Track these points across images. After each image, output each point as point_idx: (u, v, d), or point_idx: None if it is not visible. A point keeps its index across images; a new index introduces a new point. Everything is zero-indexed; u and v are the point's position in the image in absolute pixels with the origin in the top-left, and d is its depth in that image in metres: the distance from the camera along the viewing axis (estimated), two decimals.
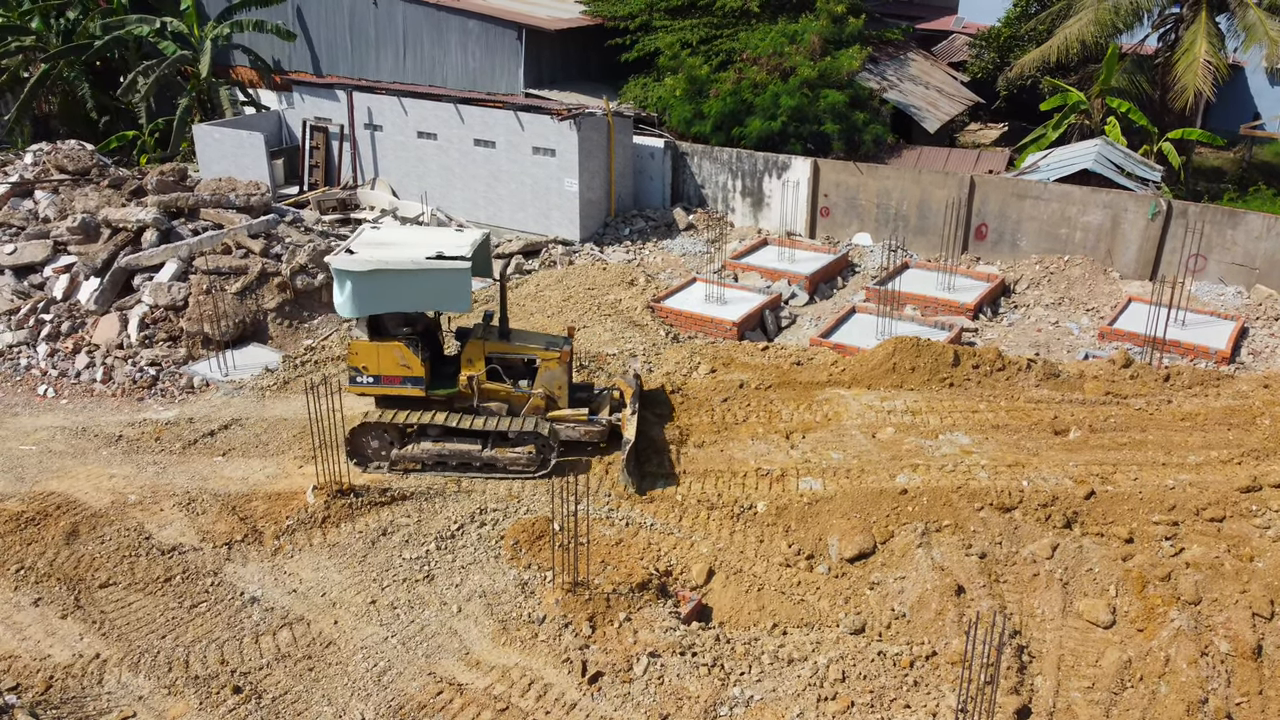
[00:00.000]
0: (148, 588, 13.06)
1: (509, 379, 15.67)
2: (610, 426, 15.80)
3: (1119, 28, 28.35)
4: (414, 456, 15.25)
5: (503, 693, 11.24)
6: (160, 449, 16.62)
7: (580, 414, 15.71)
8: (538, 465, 15.27)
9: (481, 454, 15.17)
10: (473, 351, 15.42)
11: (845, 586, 12.91)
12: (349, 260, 14.37)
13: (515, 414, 15.49)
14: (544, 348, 15.68)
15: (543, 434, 15.13)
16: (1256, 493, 13.81)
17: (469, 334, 15.70)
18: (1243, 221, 22.35)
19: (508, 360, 15.69)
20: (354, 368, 15.14)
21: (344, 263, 14.36)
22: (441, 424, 15.07)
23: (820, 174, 26.33)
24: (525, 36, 29.89)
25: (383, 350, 14.96)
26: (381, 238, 15.46)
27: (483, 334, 15.63)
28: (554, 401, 15.70)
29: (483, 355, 15.45)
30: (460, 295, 14.61)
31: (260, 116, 31.70)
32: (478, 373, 15.37)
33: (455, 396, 15.52)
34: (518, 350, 15.66)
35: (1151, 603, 12.03)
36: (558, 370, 15.62)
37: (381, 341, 15.00)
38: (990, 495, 13.74)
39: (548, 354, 15.61)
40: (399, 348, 14.94)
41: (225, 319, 20.05)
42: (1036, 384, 17.07)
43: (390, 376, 15.08)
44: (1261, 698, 10.96)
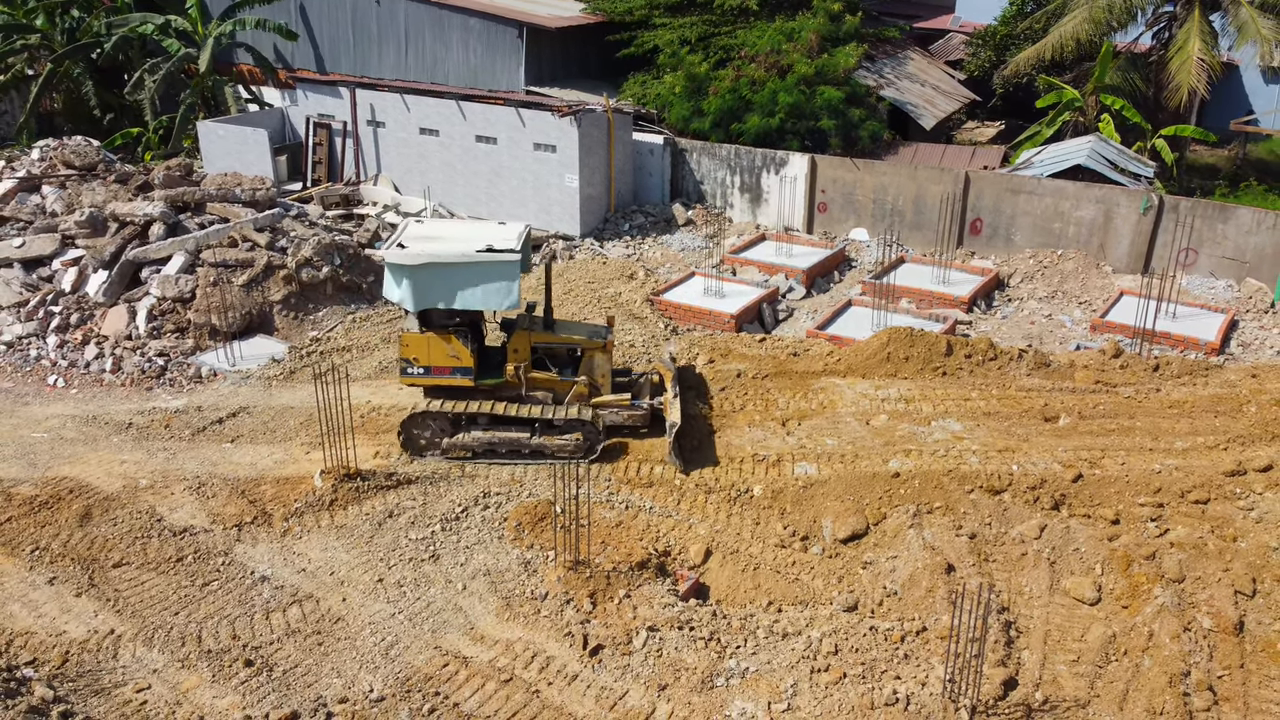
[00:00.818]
0: (160, 567, 13.41)
1: (553, 367, 16.11)
2: (652, 410, 16.22)
3: (1113, 26, 28.69)
4: (465, 445, 15.61)
5: (506, 665, 11.59)
6: (170, 436, 16.97)
7: (623, 399, 16.16)
8: (585, 450, 15.69)
9: (530, 441, 15.58)
10: (519, 342, 15.81)
11: (839, 566, 13.27)
12: (402, 254, 14.77)
13: (560, 401, 15.92)
14: (588, 337, 16.14)
15: (589, 420, 15.54)
16: (1241, 476, 14.15)
17: (514, 325, 16.08)
18: (1233, 216, 22.71)
19: (552, 349, 16.14)
20: (405, 359, 15.53)
21: (397, 256, 14.76)
22: (490, 413, 15.45)
23: (818, 170, 26.69)
24: (526, 34, 30.23)
25: (433, 341, 15.36)
26: (428, 231, 15.86)
27: (528, 324, 16.04)
28: (597, 388, 16.15)
29: (529, 345, 15.87)
30: (509, 288, 15.02)
31: (264, 113, 32.06)
32: (524, 362, 15.79)
33: (502, 386, 15.93)
34: (562, 340, 16.08)
35: (1136, 581, 12.38)
36: (601, 358, 16.07)
37: (431, 333, 15.38)
38: (980, 479, 14.11)
39: (592, 343, 16.05)
40: (449, 339, 15.34)
41: (232, 310, 20.40)
42: (1028, 373, 17.43)
43: (440, 367, 15.49)
44: (1243, 671, 11.29)
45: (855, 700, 10.78)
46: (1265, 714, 10.75)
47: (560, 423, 15.58)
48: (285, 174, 30.89)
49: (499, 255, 14.88)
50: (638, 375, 17.13)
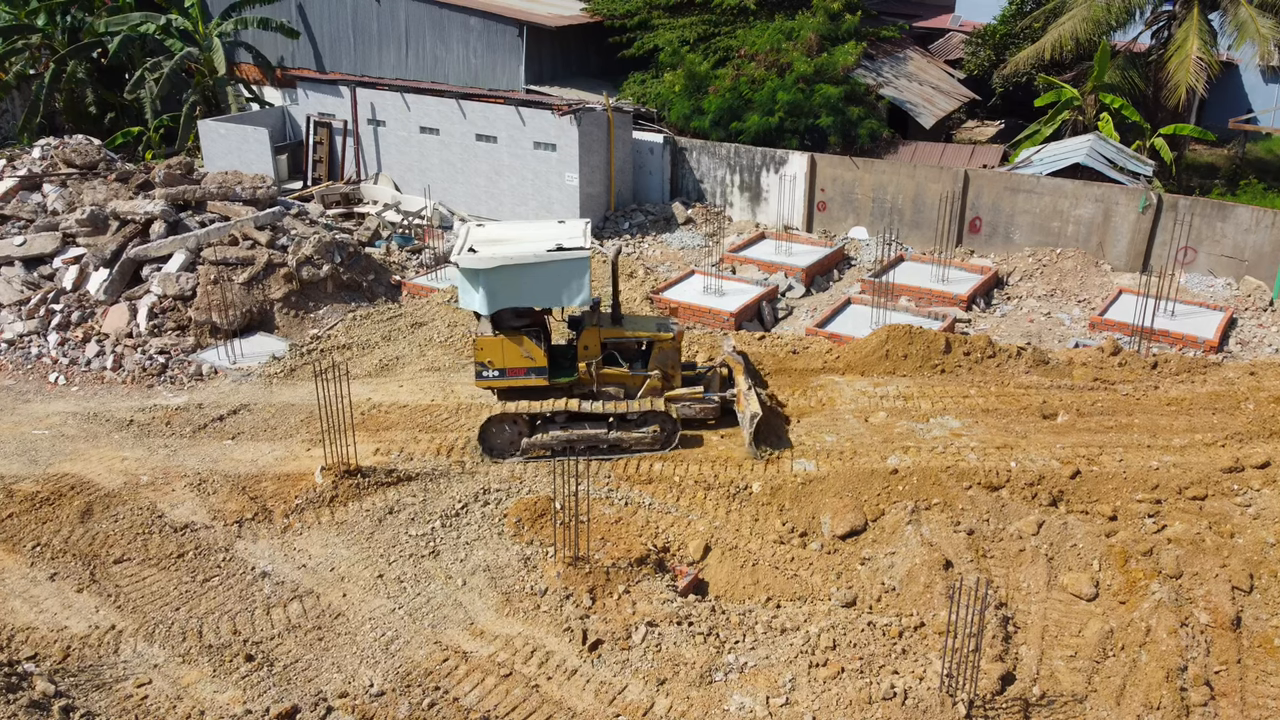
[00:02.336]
0: (161, 563, 13.46)
1: (623, 362, 16.21)
2: (723, 402, 16.31)
3: (1111, 25, 28.72)
4: (544, 444, 15.66)
5: (506, 660, 11.64)
6: (171, 433, 17.02)
7: (696, 392, 16.26)
8: (662, 443, 15.79)
9: (608, 436, 15.66)
10: (589, 338, 15.88)
11: (837, 562, 13.32)
12: (475, 259, 14.85)
13: (631, 396, 16.00)
14: (657, 330, 16.24)
15: (667, 413, 15.63)
16: (1239, 473, 14.22)
17: (582, 322, 16.14)
18: (1232, 214, 22.75)
19: (622, 344, 16.24)
20: (480, 363, 15.57)
21: (471, 261, 14.84)
22: (568, 410, 15.50)
23: (817, 169, 26.74)
24: (526, 33, 30.29)
25: (506, 343, 15.40)
26: (494, 234, 15.92)
27: (597, 321, 16.10)
28: (668, 381, 16.23)
29: (599, 341, 15.94)
30: (581, 286, 15.11)
31: (264, 112, 32.12)
32: (595, 358, 15.88)
33: (574, 383, 16.01)
34: (632, 334, 16.18)
35: (1133, 576, 12.43)
36: (671, 350, 16.18)
37: (504, 335, 15.42)
38: (979, 475, 14.16)
39: (662, 335, 16.14)
40: (522, 340, 15.40)
41: (232, 308, 20.45)
42: (1026, 370, 17.48)
43: (515, 368, 15.55)
44: (1240, 666, 11.34)
45: (853, 695, 10.82)
46: (1262, 709, 10.80)
47: (635, 416, 15.64)
48: (286, 172, 30.96)
49: (570, 253, 15.00)
50: (704, 368, 17.26)
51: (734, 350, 17.52)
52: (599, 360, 15.92)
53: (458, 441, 16.11)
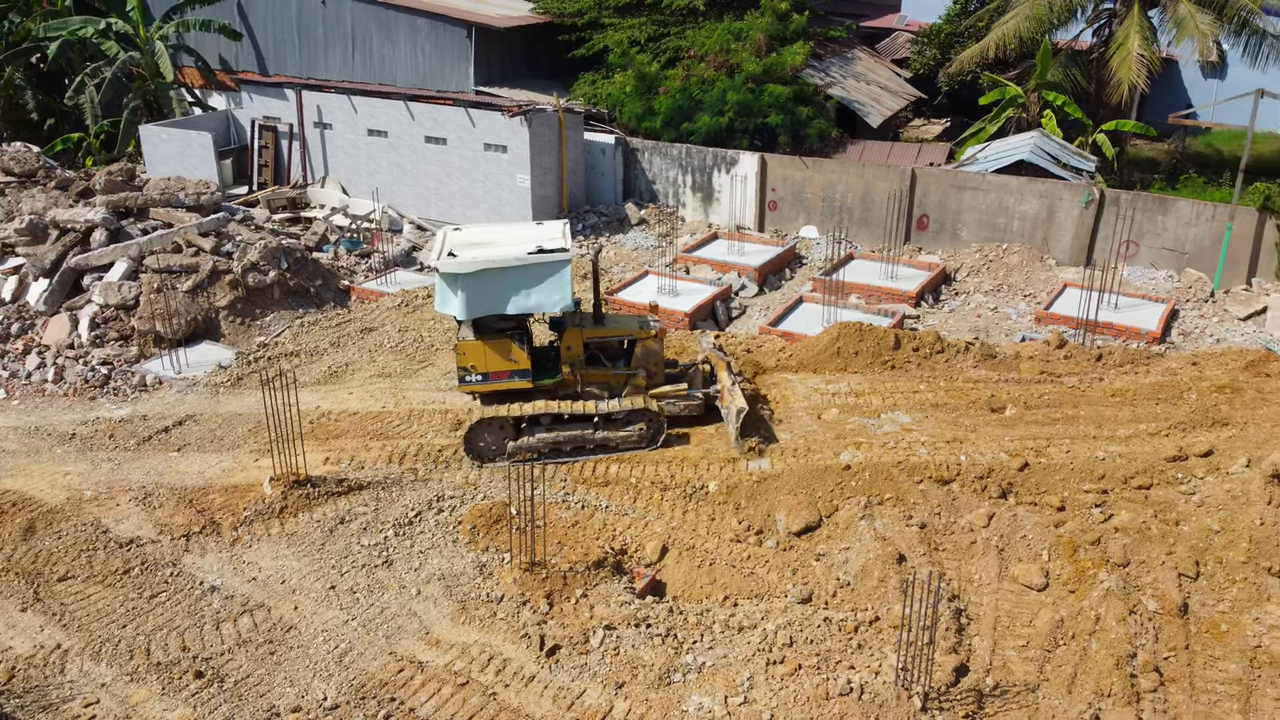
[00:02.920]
0: (107, 580, 13.18)
1: (606, 362, 16.16)
2: (707, 399, 16.30)
3: (1054, 23, 29.17)
4: (531, 446, 15.54)
5: (463, 668, 11.54)
6: (114, 446, 16.67)
7: (680, 389, 16.25)
8: (648, 441, 15.74)
9: (594, 436, 15.57)
10: (572, 339, 15.79)
11: (793, 559, 13.39)
12: (455, 263, 14.65)
13: (614, 395, 15.91)
14: (639, 328, 16.18)
15: (653, 410, 15.60)
16: (1183, 462, 14.50)
17: (563, 323, 16.02)
18: (1173, 208, 23.23)
19: (605, 344, 16.17)
20: (462, 368, 15.39)
21: (451, 265, 14.65)
22: (554, 411, 15.40)
23: (768, 169, 26.87)
24: (475, 34, 30.10)
25: (489, 347, 15.25)
26: (471, 238, 15.71)
27: (578, 321, 16.00)
28: (652, 379, 16.18)
29: (581, 341, 15.85)
30: (563, 287, 15.00)
31: (208, 116, 31.60)
32: (578, 359, 15.79)
33: (558, 385, 15.90)
34: (614, 333, 16.11)
35: (1082, 566, 12.63)
36: (655, 348, 16.14)
37: (486, 339, 15.25)
38: (929, 469, 14.32)
39: (644, 333, 16.08)
40: (505, 343, 15.26)
41: (177, 317, 20.08)
42: (974, 365, 17.71)
43: (498, 372, 15.41)
44: (1188, 652, 11.57)
45: (810, 691, 10.88)
46: (1210, 693, 11.02)
47: (621, 415, 15.59)
48: (231, 178, 30.47)
49: (552, 255, 14.89)
50: (686, 366, 17.28)
51: (715, 347, 17.59)
52: (582, 361, 15.87)
53: (410, 449, 15.96)
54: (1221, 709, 10.81)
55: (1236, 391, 16.34)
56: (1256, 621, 11.73)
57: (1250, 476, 13.50)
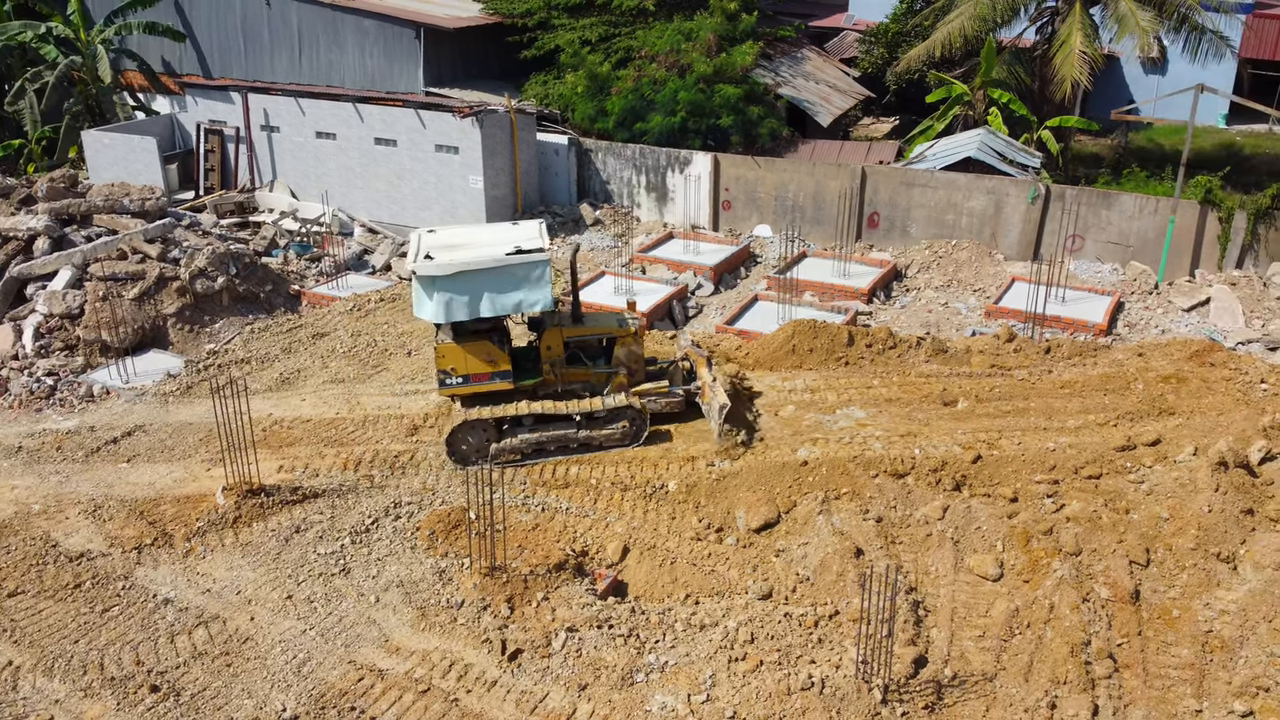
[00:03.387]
0: (57, 594, 12.90)
1: (586, 360, 16.11)
2: (689, 396, 16.37)
3: (997, 22, 29.59)
4: (514, 448, 15.46)
5: (423, 675, 11.45)
6: (62, 458, 16.32)
7: (662, 386, 16.26)
8: (631, 438, 15.73)
9: (578, 435, 15.53)
10: (551, 338, 15.70)
11: (753, 555, 13.46)
12: (433, 265, 14.47)
13: (595, 393, 15.85)
14: (618, 325, 16.13)
15: (636, 407, 15.60)
16: (1131, 451, 14.81)
17: (542, 323, 15.91)
18: (1116, 202, 23.70)
19: (585, 343, 16.09)
20: (442, 371, 15.22)
21: (429, 268, 14.45)
22: (537, 412, 15.32)
23: (721, 168, 26.99)
24: (424, 35, 29.87)
25: (469, 350, 15.11)
26: (446, 240, 15.52)
27: (557, 320, 15.92)
28: (633, 376, 16.17)
29: (561, 341, 15.76)
30: (543, 287, 14.91)
31: (152, 121, 31.02)
32: (558, 358, 15.73)
33: (539, 385, 15.81)
34: (594, 331, 16.04)
35: (1036, 555, 12.84)
36: (634, 345, 16.12)
37: (465, 342, 15.11)
38: (885, 463, 14.48)
39: (624, 330, 16.04)
40: (485, 345, 15.14)
41: (123, 325, 19.70)
42: (926, 360, 17.93)
43: (479, 374, 15.26)
44: (1140, 638, 11.80)
45: (772, 687, 10.95)
46: (1164, 679, 11.25)
47: (604, 413, 15.55)
48: (176, 183, 29.94)
49: (531, 255, 14.79)
50: (666, 363, 17.29)
51: (693, 344, 17.67)
52: (563, 360, 15.85)
53: (365, 455, 15.80)
54: (1175, 693, 11.04)
55: (1182, 381, 16.72)
56: (1207, 607, 12.00)
57: (1197, 464, 13.82)
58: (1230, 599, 12.04)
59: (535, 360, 15.96)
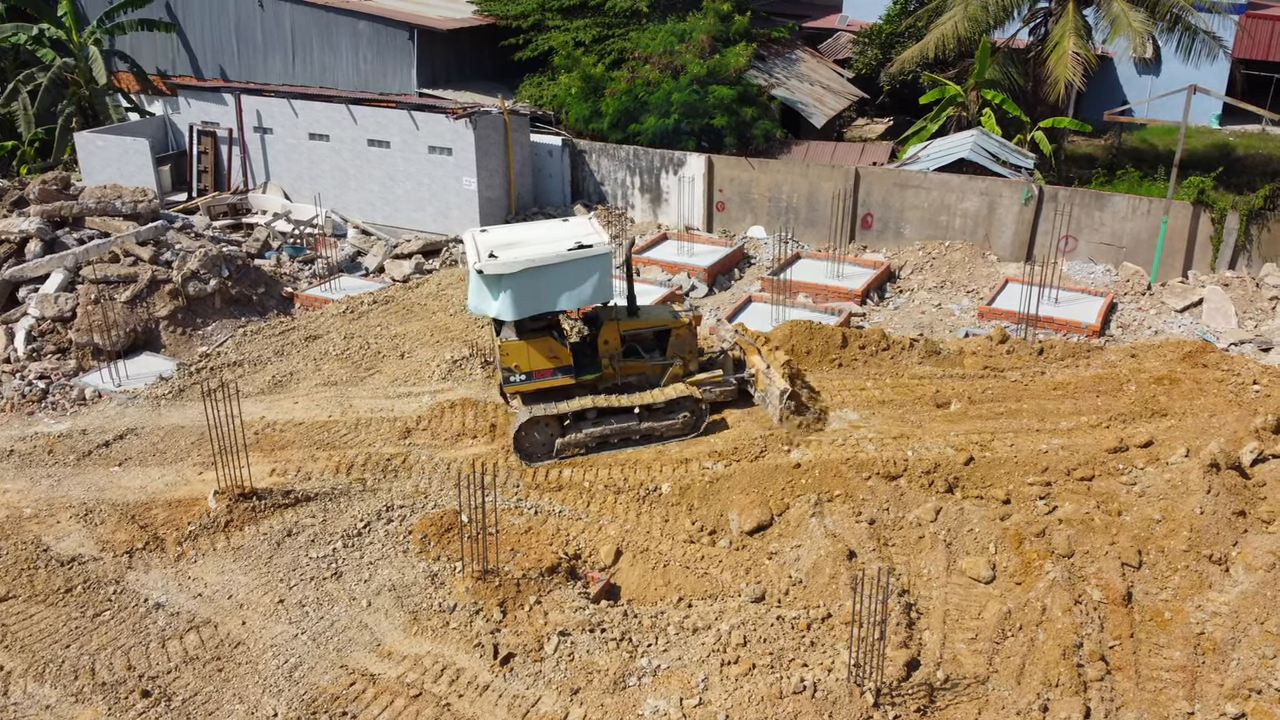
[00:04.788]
0: (48, 599, 12.86)
1: (643, 353, 16.31)
2: (741, 385, 16.57)
3: (990, 23, 29.58)
4: (579, 442, 15.61)
5: (415, 680, 11.43)
6: (54, 462, 16.27)
7: (716, 375, 16.45)
8: (691, 428, 15.98)
9: (639, 427, 15.70)
10: (609, 333, 15.87)
11: (745, 558, 13.45)
12: (499, 263, 14.60)
13: (652, 385, 16.05)
14: (673, 317, 16.32)
15: (696, 398, 15.81)
16: (1123, 453, 14.80)
17: (598, 318, 16.08)
18: (1109, 203, 23.73)
19: (640, 335, 16.29)
20: (507, 368, 15.39)
21: (495, 266, 14.59)
22: (601, 406, 15.50)
23: (715, 169, 26.99)
24: (417, 37, 29.85)
25: (531, 347, 15.27)
26: (502, 239, 15.62)
27: (614, 314, 16.06)
28: (687, 366, 16.36)
29: (619, 334, 15.93)
30: (604, 281, 15.10)
31: (144, 123, 30.97)
32: (616, 352, 15.90)
33: (598, 379, 15.96)
34: (650, 324, 16.24)
35: (1028, 558, 12.85)
36: (688, 336, 16.32)
37: (528, 339, 15.29)
38: (877, 465, 14.47)
39: (679, 322, 16.24)
40: (547, 341, 15.33)
41: (115, 328, 19.66)
42: (919, 361, 17.93)
43: (542, 370, 15.45)
44: (1133, 640, 11.81)
45: (765, 690, 10.94)
46: (1156, 681, 11.26)
47: (662, 405, 15.72)
48: (169, 184, 29.89)
49: (593, 250, 14.95)
50: (716, 353, 17.45)
51: (741, 332, 17.82)
52: (620, 353, 16.01)
53: (358, 458, 15.76)
54: (1167, 695, 11.05)
55: (1174, 382, 16.73)
56: (1199, 609, 12.01)
57: (1189, 466, 13.82)
58: (1222, 601, 12.06)
59: (593, 355, 16.12)
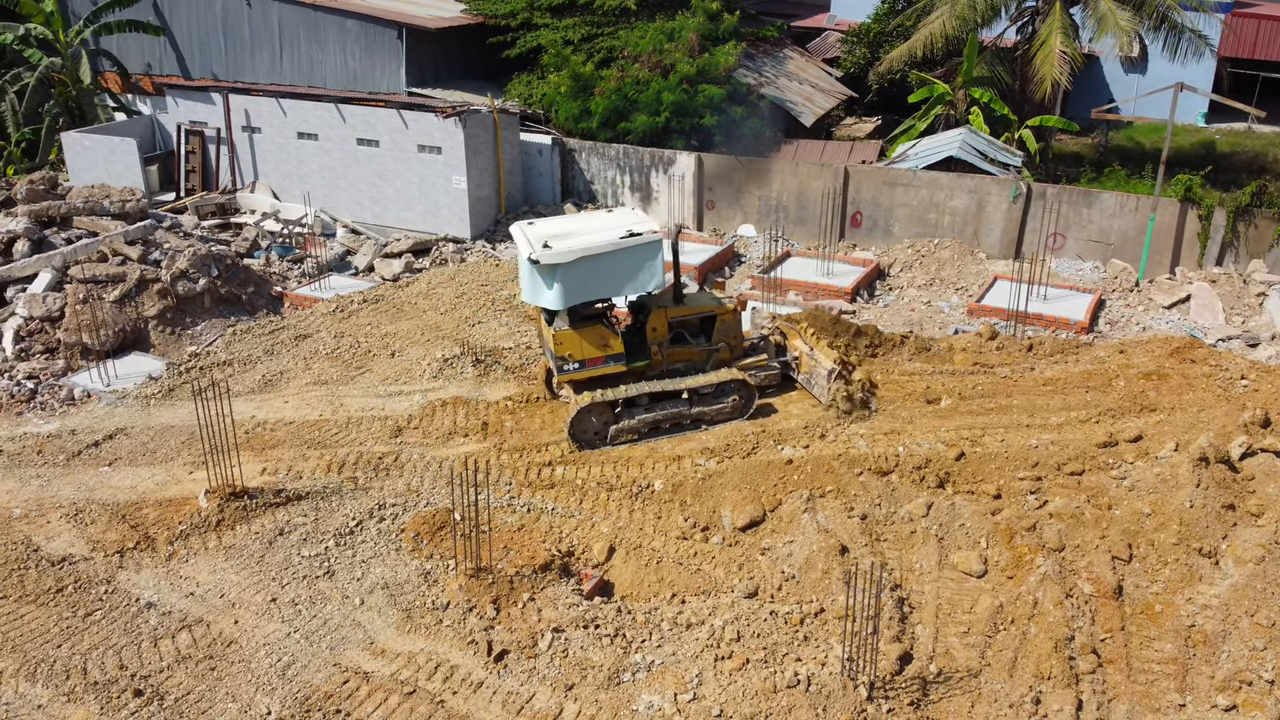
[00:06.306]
0: (39, 599, 12.80)
1: (690, 339, 16.49)
2: (784, 369, 16.88)
3: (978, 22, 29.70)
4: (632, 428, 15.79)
5: (409, 677, 11.42)
6: (43, 462, 16.19)
7: (761, 359, 16.76)
8: (741, 411, 16.22)
9: (690, 411, 15.90)
10: (657, 320, 16.06)
11: (738, 554, 13.48)
12: (553, 253, 14.75)
13: (699, 370, 16.26)
14: (719, 303, 16.51)
15: (746, 381, 16.03)
16: (1113, 447, 14.91)
17: (646, 305, 16.25)
18: (1097, 201, 23.85)
19: (687, 322, 16.44)
20: (560, 357, 15.56)
21: (551, 256, 14.73)
22: (654, 391, 15.71)
23: (704, 168, 27.02)
24: (406, 35, 29.80)
25: (583, 335, 15.46)
26: (550, 230, 15.68)
27: (661, 302, 16.23)
28: (733, 351, 16.59)
29: (667, 321, 16.11)
30: (655, 269, 15.27)
31: (132, 122, 30.84)
32: (664, 339, 16.10)
33: (648, 365, 16.14)
34: (696, 310, 16.41)
35: (1019, 552, 12.91)
36: (733, 321, 16.54)
37: (580, 328, 15.46)
38: (869, 461, 14.53)
39: (724, 308, 16.43)
40: (599, 330, 15.52)
41: (104, 328, 19.57)
42: (910, 358, 18.01)
43: (594, 359, 15.65)
44: (1124, 633, 11.89)
45: (758, 685, 10.96)
46: (1147, 673, 11.33)
47: (711, 389, 15.91)
48: (157, 184, 29.77)
49: (645, 238, 15.11)
50: (757, 338, 17.64)
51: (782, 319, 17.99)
52: (668, 340, 16.17)
53: (349, 457, 15.73)
54: (1158, 688, 11.13)
55: (1163, 378, 16.84)
56: (1189, 601, 12.09)
57: (1178, 460, 13.91)
58: (1212, 594, 12.14)
59: (641, 342, 16.25)
